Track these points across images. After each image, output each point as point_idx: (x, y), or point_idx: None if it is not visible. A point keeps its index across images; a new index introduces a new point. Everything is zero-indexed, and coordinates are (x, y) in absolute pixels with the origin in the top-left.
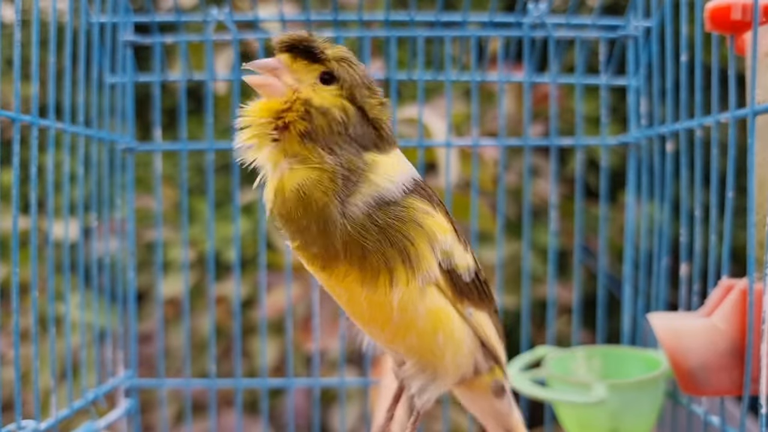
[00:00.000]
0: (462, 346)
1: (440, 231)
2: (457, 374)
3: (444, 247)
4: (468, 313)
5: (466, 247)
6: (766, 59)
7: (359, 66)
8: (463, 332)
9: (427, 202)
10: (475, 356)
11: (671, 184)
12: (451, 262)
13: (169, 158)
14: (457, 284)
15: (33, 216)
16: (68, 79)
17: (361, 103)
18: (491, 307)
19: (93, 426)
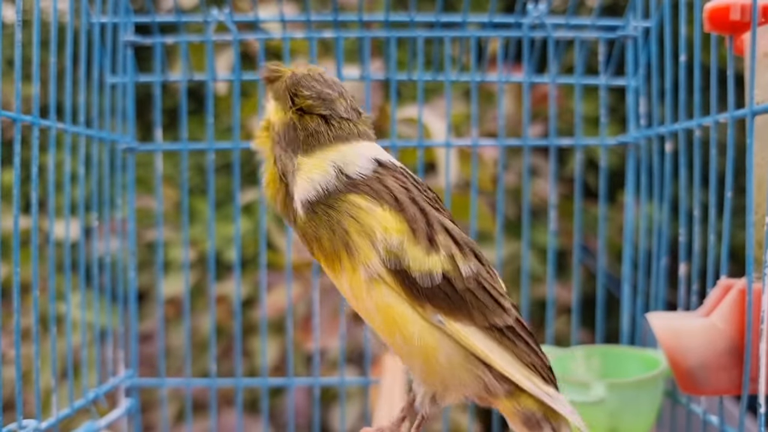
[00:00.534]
0: (434, 354)
1: (382, 228)
2: (447, 386)
3: (388, 245)
4: (437, 321)
5: (434, 250)
6: (765, 59)
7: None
8: (432, 340)
9: (372, 198)
10: (474, 373)
11: (670, 184)
12: (401, 262)
13: (170, 158)
14: (414, 287)
15: (34, 216)
16: (69, 80)
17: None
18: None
19: (94, 425)
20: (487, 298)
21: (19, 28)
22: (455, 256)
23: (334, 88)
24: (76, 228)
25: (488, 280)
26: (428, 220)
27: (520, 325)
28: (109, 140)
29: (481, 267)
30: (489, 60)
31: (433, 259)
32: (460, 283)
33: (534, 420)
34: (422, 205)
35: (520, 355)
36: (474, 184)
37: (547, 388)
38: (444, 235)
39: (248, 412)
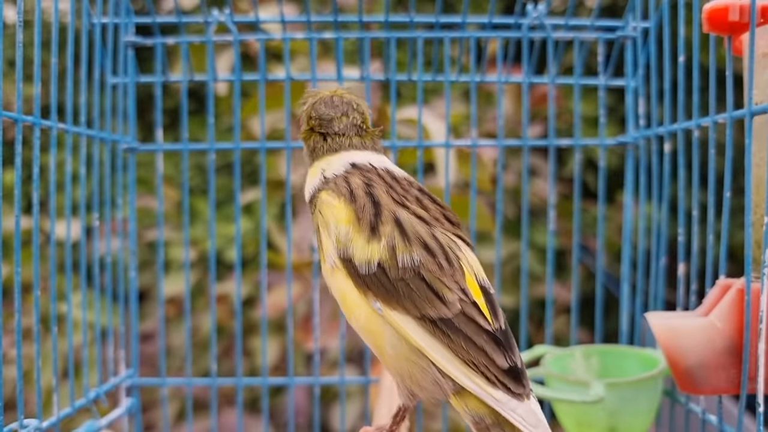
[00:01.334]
0: (381, 342)
1: (336, 219)
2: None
3: (339, 235)
4: (377, 308)
5: (375, 239)
6: (764, 60)
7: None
8: (376, 326)
9: (333, 193)
10: (419, 365)
11: (669, 184)
12: (347, 251)
13: (171, 158)
14: (358, 275)
15: (35, 216)
16: (70, 80)
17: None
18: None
19: (95, 424)
20: (423, 289)
21: (20, 29)
22: (396, 246)
23: (338, 109)
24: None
25: (433, 271)
26: (377, 211)
27: (467, 320)
28: (110, 140)
29: (428, 258)
30: (488, 60)
31: (373, 248)
32: (395, 272)
33: (483, 425)
34: (378, 198)
35: (457, 351)
36: (473, 185)
37: (491, 390)
38: (392, 226)
39: (249, 411)
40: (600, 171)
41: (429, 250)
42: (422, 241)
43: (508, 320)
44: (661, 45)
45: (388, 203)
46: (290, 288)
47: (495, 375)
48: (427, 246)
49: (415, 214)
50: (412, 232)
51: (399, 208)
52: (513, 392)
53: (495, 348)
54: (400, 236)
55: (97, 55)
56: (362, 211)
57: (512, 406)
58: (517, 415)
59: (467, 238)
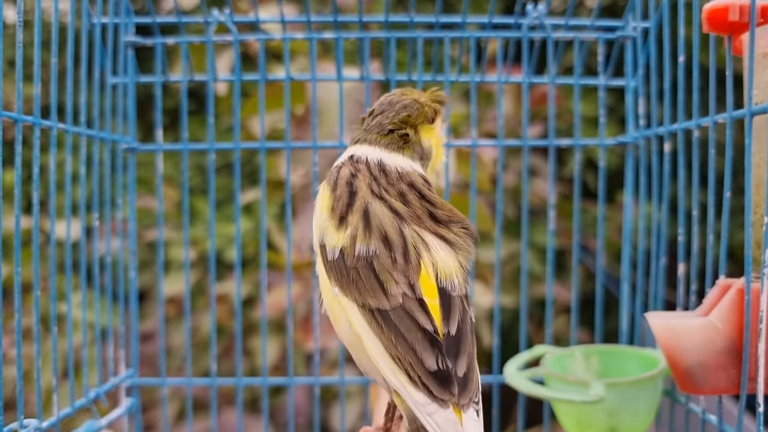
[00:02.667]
0: (337, 324)
1: (320, 208)
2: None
3: (320, 222)
4: (335, 293)
5: (342, 227)
6: (764, 60)
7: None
8: (336, 311)
9: (326, 182)
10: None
11: (669, 184)
12: (324, 237)
13: (171, 158)
14: (327, 260)
15: (35, 216)
16: (70, 80)
17: None
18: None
19: (95, 424)
20: (370, 279)
21: (20, 29)
22: (357, 236)
23: (380, 107)
24: (77, 228)
25: (384, 263)
26: (351, 201)
27: (405, 315)
28: (110, 140)
29: (384, 251)
30: (488, 60)
31: (340, 236)
32: (350, 260)
33: (414, 427)
34: (356, 188)
35: (386, 344)
36: (473, 185)
37: (412, 390)
38: (359, 216)
39: (249, 411)
40: (600, 171)
41: (387, 243)
42: (383, 234)
43: (509, 321)
44: (661, 45)
45: (365, 194)
46: (290, 288)
47: (419, 375)
48: (387, 239)
49: (390, 207)
50: (376, 225)
51: (374, 200)
52: (435, 396)
53: (427, 348)
54: (363, 226)
55: (97, 55)
56: (338, 200)
57: (430, 410)
58: (432, 421)
59: (457, 237)
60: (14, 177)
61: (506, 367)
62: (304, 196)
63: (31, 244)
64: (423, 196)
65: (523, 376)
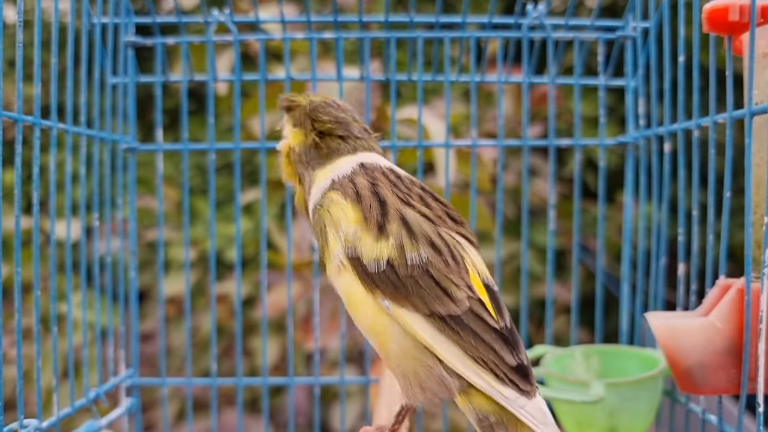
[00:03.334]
0: (385, 340)
1: (344, 219)
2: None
3: (347, 235)
4: (385, 306)
5: (383, 237)
6: (764, 60)
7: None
8: (383, 325)
9: (340, 193)
10: (425, 363)
11: (669, 184)
12: (356, 250)
13: (171, 158)
14: (366, 273)
15: (35, 216)
16: (70, 80)
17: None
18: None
19: (95, 424)
20: (432, 286)
21: (20, 29)
22: (404, 244)
23: (348, 114)
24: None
25: (440, 269)
26: (384, 210)
27: (475, 317)
28: (110, 140)
29: (435, 256)
30: (488, 61)
31: (381, 246)
32: (404, 270)
33: (487, 423)
34: (384, 197)
35: (466, 347)
36: (473, 185)
37: (500, 387)
38: (398, 224)
39: (249, 411)
40: (600, 171)
41: (435, 248)
42: (429, 239)
43: None
44: (661, 45)
45: (394, 202)
46: (290, 288)
47: (504, 372)
48: (434, 244)
49: (420, 212)
50: (419, 231)
51: (404, 207)
52: (521, 389)
53: (503, 345)
54: (407, 234)
55: (97, 55)
56: (369, 210)
57: (521, 404)
58: (526, 413)
59: (471, 236)
60: (14, 177)
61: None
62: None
63: (31, 244)
64: (436, 198)
65: None
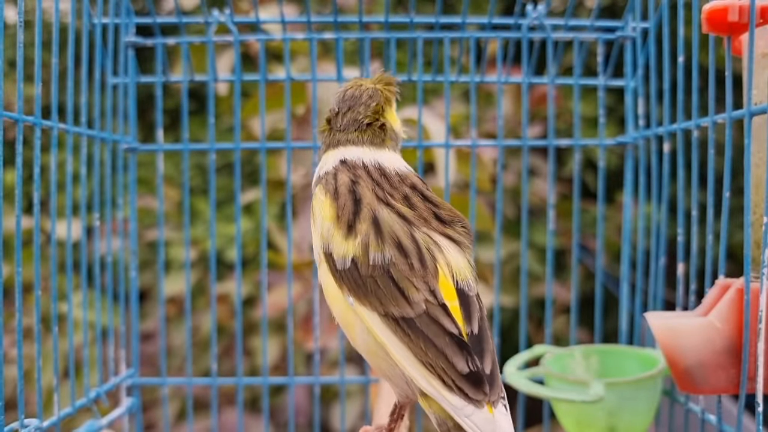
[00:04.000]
0: (353, 334)
1: (321, 215)
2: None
3: (323, 231)
4: (350, 302)
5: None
6: (763, 60)
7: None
8: (349, 319)
9: (323, 189)
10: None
11: (668, 184)
12: (329, 246)
13: (171, 158)
14: (336, 269)
15: (36, 216)
16: (71, 80)
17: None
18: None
19: (95, 424)
20: (390, 287)
21: (21, 29)
22: (369, 244)
23: (345, 103)
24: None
25: (402, 271)
26: (357, 209)
27: (430, 321)
28: (110, 141)
29: (400, 258)
30: (488, 61)
31: (348, 245)
32: (365, 269)
33: (445, 428)
34: (360, 196)
35: (416, 352)
36: (473, 184)
37: (447, 394)
38: (368, 224)
39: (249, 410)
40: (599, 171)
41: (402, 250)
42: (396, 241)
43: (508, 320)
44: (661, 45)
45: (371, 201)
46: (290, 288)
47: (452, 379)
48: (401, 245)
49: (398, 212)
50: (388, 232)
51: (381, 207)
52: (470, 398)
53: (457, 351)
54: (375, 234)
55: (98, 56)
56: (342, 209)
57: (467, 413)
58: (471, 422)
59: (461, 237)
60: (15, 177)
61: (506, 366)
62: (304, 196)
63: (32, 244)
64: (426, 197)
65: (522, 376)
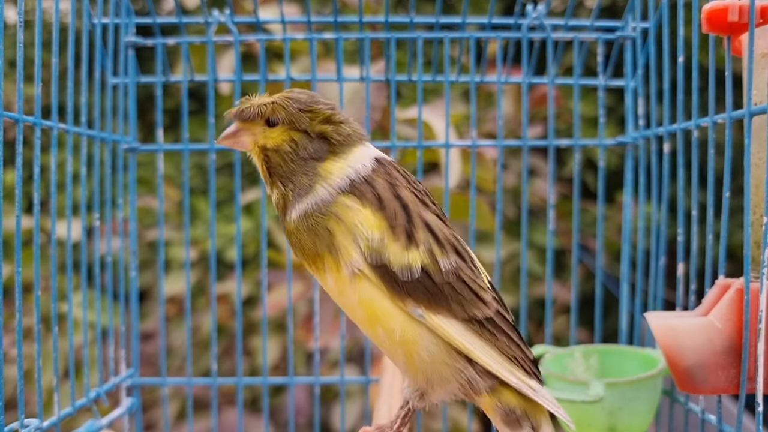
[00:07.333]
0: (415, 348)
1: (364, 226)
2: (431, 381)
3: (371, 242)
4: (417, 314)
5: (413, 245)
6: (763, 60)
7: (296, 100)
8: (413, 333)
9: (356, 198)
10: (455, 367)
11: (668, 184)
12: (381, 257)
13: (171, 158)
14: (395, 281)
15: (36, 216)
16: (71, 80)
17: (305, 128)
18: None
19: (95, 424)
20: (466, 291)
21: (21, 29)
22: (434, 251)
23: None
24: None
25: (468, 275)
26: (409, 217)
27: (502, 318)
28: (110, 141)
29: (461, 262)
30: (488, 61)
31: (413, 254)
32: (439, 276)
33: (514, 417)
34: (405, 202)
35: (501, 347)
36: (473, 184)
37: (530, 381)
38: (424, 231)
39: (249, 410)
40: (599, 171)
41: (459, 254)
42: (452, 245)
43: None
44: (661, 45)
45: (415, 207)
46: (290, 287)
47: (529, 366)
48: (457, 249)
49: (436, 215)
50: (443, 237)
51: (424, 211)
52: (540, 380)
53: (522, 341)
54: (435, 241)
55: (98, 56)
56: (394, 218)
57: (543, 393)
58: (547, 401)
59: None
60: (15, 177)
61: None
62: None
63: (32, 244)
64: (428, 194)
65: None
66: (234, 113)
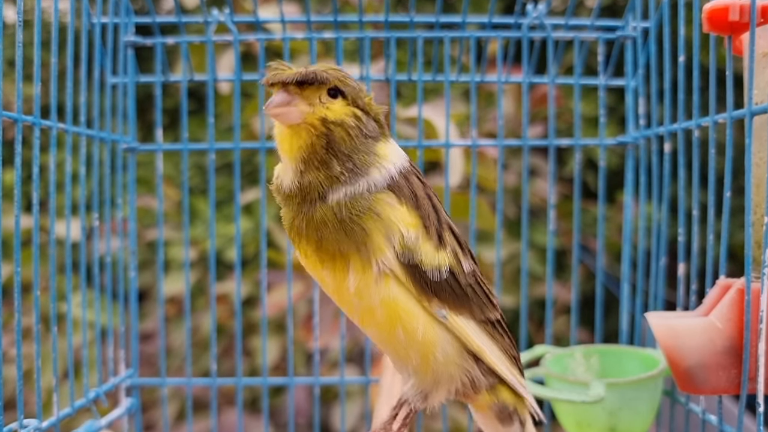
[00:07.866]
0: (432, 350)
1: (401, 224)
2: (438, 381)
3: (404, 240)
4: (440, 315)
5: (442, 246)
6: (764, 60)
7: (352, 78)
8: (433, 334)
9: (394, 195)
10: (463, 367)
11: (669, 184)
12: (414, 257)
13: (171, 158)
14: (424, 281)
15: (35, 215)
16: (70, 80)
17: (363, 106)
18: (485, 317)
19: (95, 424)
20: (482, 294)
21: (20, 29)
22: (458, 253)
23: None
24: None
25: (481, 277)
26: (439, 218)
27: (503, 321)
28: (109, 140)
29: (476, 266)
30: (488, 60)
31: (442, 255)
32: (464, 278)
33: (506, 413)
34: (435, 203)
35: (506, 348)
36: (473, 183)
37: (521, 379)
38: (449, 234)
39: (249, 411)
40: (600, 171)
41: (473, 257)
42: (468, 248)
43: (509, 320)
44: (661, 45)
45: (440, 209)
46: (290, 288)
47: (520, 365)
48: (471, 253)
49: (449, 217)
50: (463, 240)
51: (444, 214)
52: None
53: (514, 341)
54: (457, 244)
55: (97, 55)
56: (428, 218)
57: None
58: (531, 398)
59: None
60: (14, 177)
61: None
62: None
63: (31, 243)
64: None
65: None
66: (287, 77)
